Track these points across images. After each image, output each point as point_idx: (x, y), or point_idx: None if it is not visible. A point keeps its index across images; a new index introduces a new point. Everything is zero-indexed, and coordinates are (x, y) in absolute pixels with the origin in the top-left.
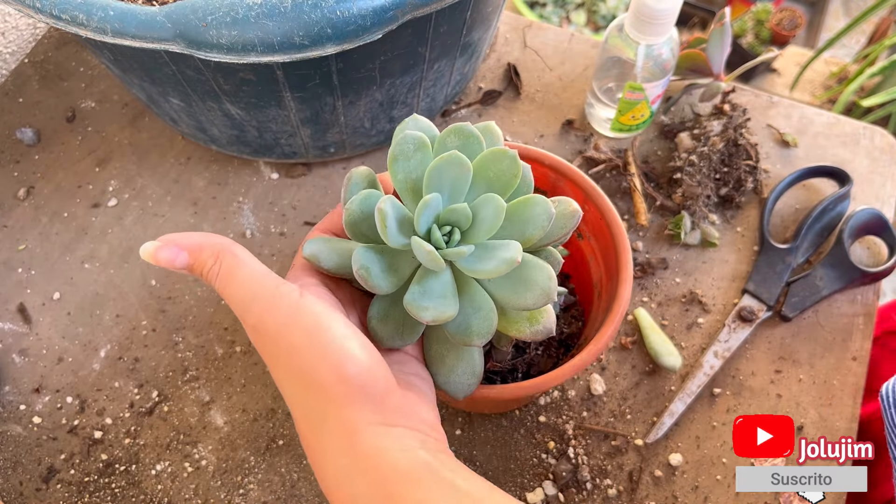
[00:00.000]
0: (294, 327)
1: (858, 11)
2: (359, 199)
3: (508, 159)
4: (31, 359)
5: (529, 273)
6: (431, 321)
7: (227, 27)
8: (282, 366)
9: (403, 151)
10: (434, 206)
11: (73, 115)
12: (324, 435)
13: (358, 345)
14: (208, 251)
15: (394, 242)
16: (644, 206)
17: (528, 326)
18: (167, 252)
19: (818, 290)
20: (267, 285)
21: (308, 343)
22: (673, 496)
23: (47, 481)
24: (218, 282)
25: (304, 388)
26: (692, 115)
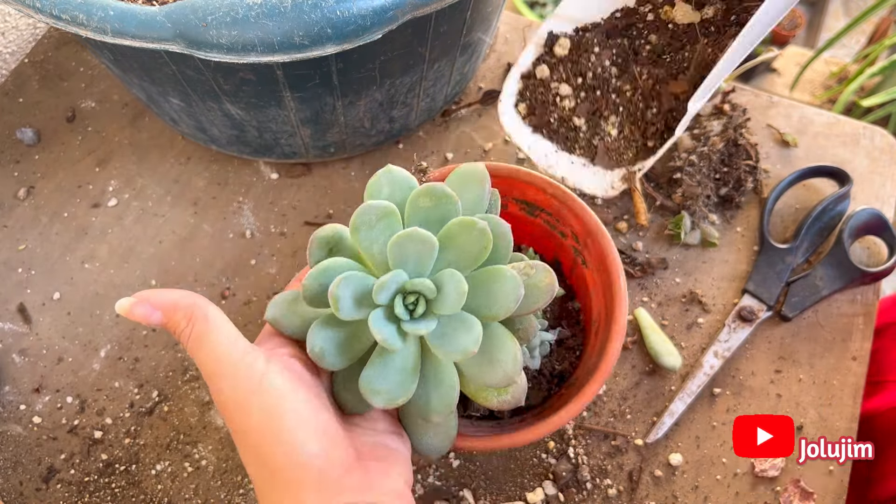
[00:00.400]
0: (253, 407)
1: (858, 11)
2: (316, 273)
3: (477, 231)
4: (31, 359)
5: (494, 352)
6: (383, 406)
7: (227, 27)
8: (242, 443)
9: (365, 222)
10: (395, 282)
11: (73, 115)
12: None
13: (314, 429)
14: (182, 312)
15: (349, 317)
16: (644, 206)
17: (495, 396)
18: (141, 309)
19: (818, 290)
20: (233, 354)
21: (266, 425)
22: (673, 496)
23: (47, 481)
24: (189, 344)
25: (261, 469)
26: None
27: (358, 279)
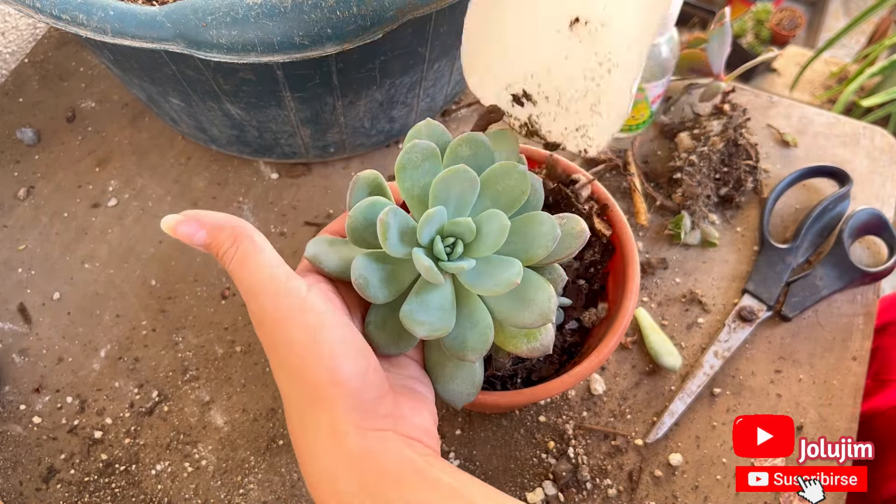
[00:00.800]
0: (295, 323)
1: (858, 11)
2: (363, 206)
3: (517, 175)
4: (31, 359)
5: (530, 292)
6: (425, 336)
7: (227, 27)
8: (279, 359)
9: (412, 161)
10: (438, 219)
11: (73, 115)
12: (312, 434)
13: (354, 349)
14: (227, 233)
15: (395, 252)
16: (644, 206)
17: (525, 343)
18: (187, 227)
19: (818, 290)
20: (277, 276)
21: (307, 341)
22: (673, 496)
23: (47, 481)
24: (232, 265)
25: (298, 385)
26: (692, 115)
27: (402, 215)
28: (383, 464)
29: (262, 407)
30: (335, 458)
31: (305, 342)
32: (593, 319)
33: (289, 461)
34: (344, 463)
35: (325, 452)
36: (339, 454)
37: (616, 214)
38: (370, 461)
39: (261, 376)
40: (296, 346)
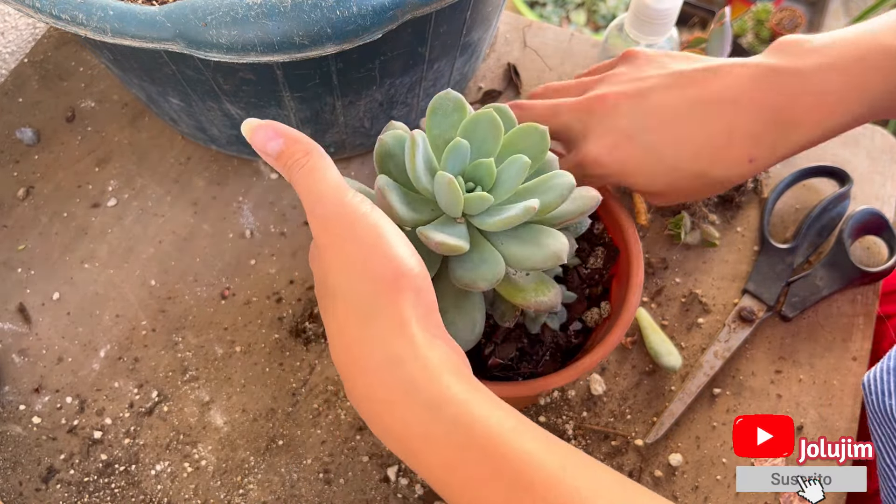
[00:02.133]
0: (363, 226)
1: (858, 11)
2: (394, 133)
3: (539, 134)
4: (30, 359)
5: (543, 238)
6: (438, 245)
7: (227, 27)
8: (343, 255)
9: (443, 107)
10: (462, 154)
11: (72, 115)
12: (375, 323)
13: (417, 258)
14: (302, 146)
15: (419, 175)
16: (644, 206)
17: (533, 296)
18: (264, 133)
19: (818, 290)
20: (338, 184)
21: (374, 241)
22: (673, 496)
23: (47, 481)
24: (301, 173)
25: (361, 279)
26: None
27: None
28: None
29: (262, 407)
30: (403, 343)
31: (373, 242)
32: (596, 318)
33: (288, 461)
34: (411, 348)
35: (391, 338)
36: (406, 340)
37: (618, 211)
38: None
39: (260, 376)
40: (363, 245)
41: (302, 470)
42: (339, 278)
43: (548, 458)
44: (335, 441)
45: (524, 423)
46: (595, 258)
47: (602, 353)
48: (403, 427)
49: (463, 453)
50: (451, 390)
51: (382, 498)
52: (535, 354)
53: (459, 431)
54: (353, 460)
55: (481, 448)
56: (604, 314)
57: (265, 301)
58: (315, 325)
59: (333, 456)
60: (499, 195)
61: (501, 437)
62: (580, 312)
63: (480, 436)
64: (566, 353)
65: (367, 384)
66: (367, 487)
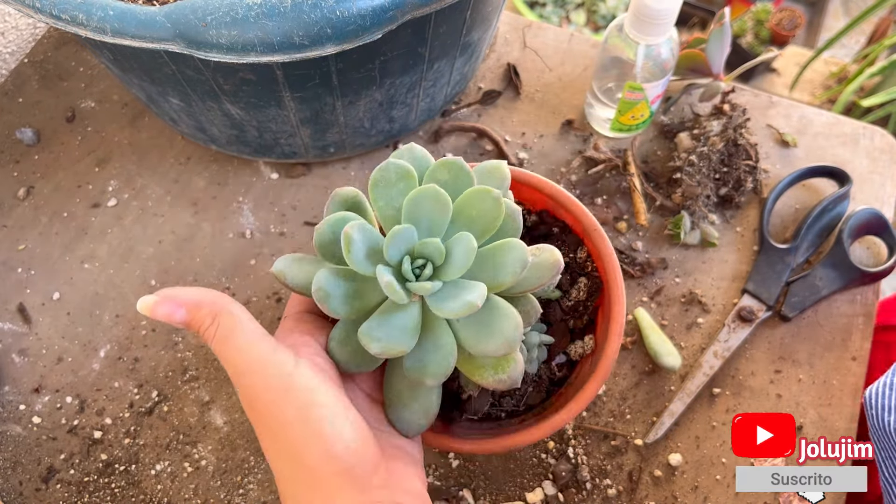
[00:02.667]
0: (285, 403)
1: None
2: (332, 220)
3: (491, 200)
4: (30, 359)
5: (495, 319)
6: (378, 353)
7: (227, 27)
8: (272, 440)
9: (385, 178)
10: (406, 238)
11: (72, 115)
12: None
13: (349, 425)
14: (206, 310)
15: (360, 268)
16: (644, 206)
17: (492, 374)
18: (165, 307)
19: (818, 290)
20: (263, 352)
21: (299, 421)
22: (672, 496)
23: (47, 481)
24: (214, 344)
25: (292, 466)
26: (692, 115)
27: (371, 232)
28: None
29: None
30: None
31: (297, 422)
32: (580, 352)
33: None
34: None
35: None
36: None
37: (602, 243)
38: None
39: None
40: (288, 427)
41: None
42: (270, 457)
43: None
44: None
45: None
46: (578, 290)
47: (577, 407)
48: None
49: None
50: None
51: None
52: (517, 390)
53: None
54: None
55: None
56: (587, 350)
57: (265, 301)
58: None
59: None
60: (450, 273)
61: None
62: (563, 346)
63: None
64: (553, 383)
65: None
66: None
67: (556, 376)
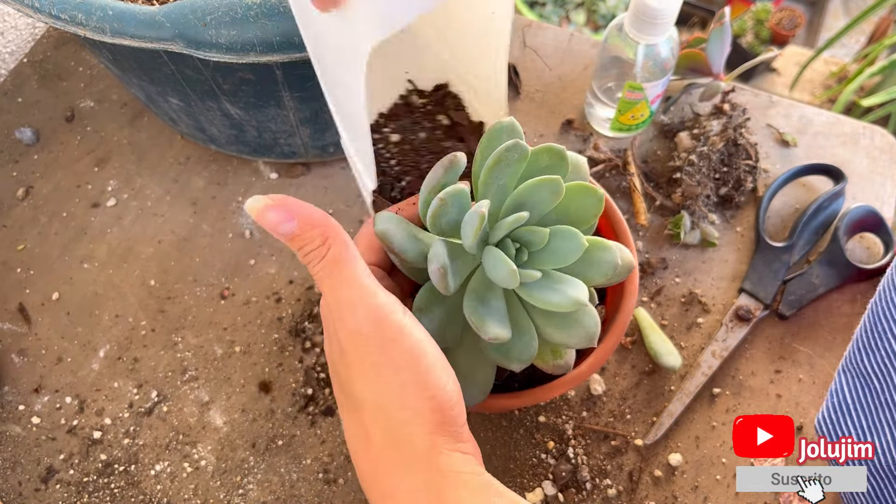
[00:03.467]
0: (396, 346)
1: (858, 11)
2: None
3: (595, 198)
4: (30, 359)
5: (580, 314)
6: (491, 339)
7: (227, 27)
8: (375, 376)
9: (507, 159)
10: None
11: (72, 115)
12: (407, 449)
13: (451, 381)
14: (319, 230)
15: (472, 248)
16: (643, 206)
17: (551, 359)
18: (275, 214)
19: (815, 288)
20: (374, 291)
21: (409, 365)
22: (673, 496)
23: (46, 481)
24: (320, 266)
25: (396, 406)
26: (692, 115)
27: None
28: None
29: (262, 407)
30: (435, 475)
31: (407, 367)
32: None
33: (288, 461)
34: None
35: (424, 468)
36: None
37: (614, 214)
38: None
39: (260, 376)
40: (400, 370)
41: (301, 470)
42: (370, 397)
43: None
44: (335, 441)
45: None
46: None
47: (597, 360)
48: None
49: None
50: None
51: None
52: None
53: None
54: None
55: None
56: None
57: (265, 301)
58: (314, 326)
59: (333, 456)
60: (547, 263)
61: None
62: None
63: None
64: None
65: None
66: None
67: None
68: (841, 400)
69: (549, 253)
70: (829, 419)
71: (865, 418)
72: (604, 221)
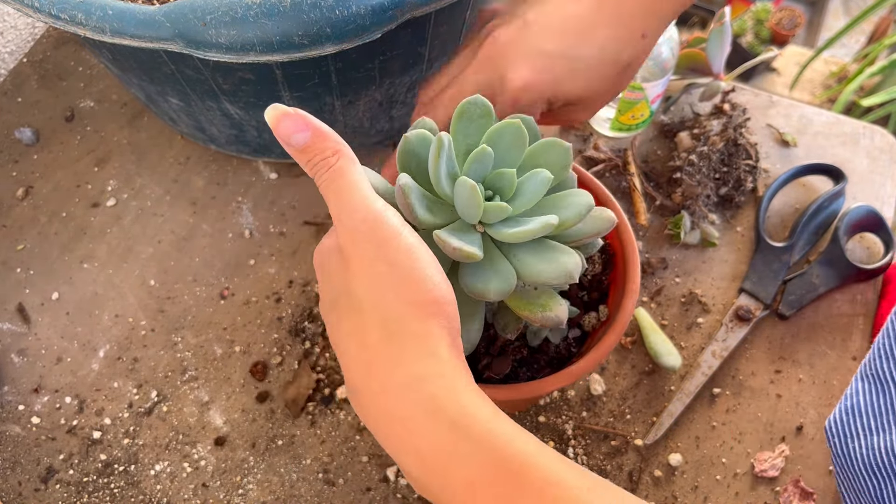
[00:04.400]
0: (397, 247)
1: (858, 11)
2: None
3: (562, 149)
4: (29, 359)
5: (557, 253)
6: (454, 250)
7: (226, 26)
8: (373, 273)
9: (469, 112)
10: (486, 162)
11: (71, 115)
12: (403, 343)
13: (446, 282)
14: (332, 143)
15: (440, 179)
16: (644, 206)
17: (540, 311)
18: (291, 123)
19: (815, 288)
20: (370, 196)
21: (409, 264)
22: (673, 496)
23: (46, 481)
24: (328, 174)
25: (394, 300)
26: (692, 115)
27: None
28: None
29: (262, 407)
30: (431, 362)
31: (406, 261)
32: (594, 323)
33: (287, 461)
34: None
35: (419, 358)
36: (433, 360)
37: (617, 214)
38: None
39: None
40: (397, 265)
41: (301, 470)
42: (368, 294)
43: (573, 479)
44: (334, 441)
45: (547, 448)
46: (593, 264)
47: (597, 357)
48: (426, 444)
49: (489, 472)
50: (478, 412)
51: (382, 498)
52: (535, 363)
53: (485, 451)
54: (353, 460)
55: (506, 467)
56: (602, 318)
57: (264, 301)
58: (314, 326)
59: (333, 456)
60: (518, 207)
61: (527, 456)
62: (578, 318)
63: (507, 455)
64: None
65: (388, 401)
66: (366, 487)
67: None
68: (855, 403)
69: (519, 196)
70: (840, 421)
71: (875, 419)
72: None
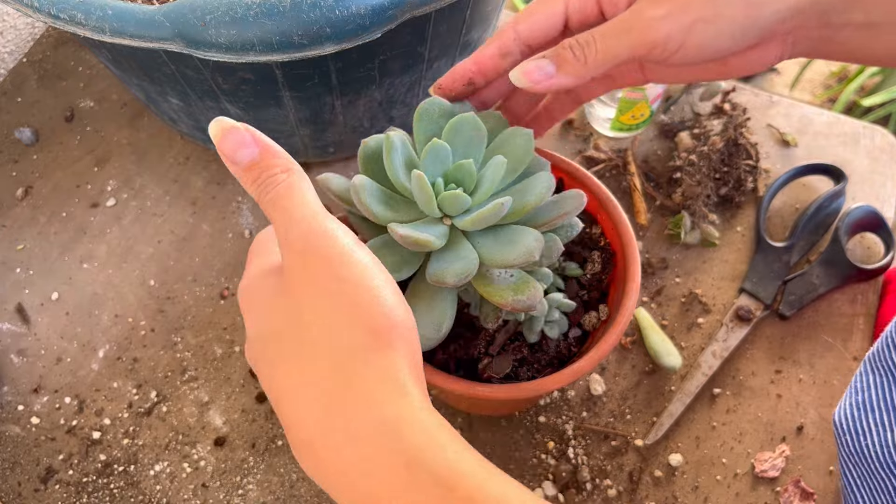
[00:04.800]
0: (350, 264)
1: None
2: (378, 137)
3: (523, 137)
4: (29, 359)
5: (517, 235)
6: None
7: (226, 26)
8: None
9: (428, 112)
10: (442, 155)
11: (71, 115)
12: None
13: (404, 304)
14: (283, 161)
15: (395, 175)
16: (644, 206)
17: (511, 295)
18: (237, 139)
19: (815, 288)
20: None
21: (364, 284)
22: (673, 496)
23: (46, 482)
24: (277, 191)
25: (348, 326)
26: (692, 115)
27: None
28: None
29: (262, 407)
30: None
31: (360, 281)
32: (594, 322)
33: (287, 462)
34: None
35: (387, 398)
36: (404, 402)
37: (615, 211)
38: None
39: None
40: (350, 285)
41: (301, 470)
42: (317, 319)
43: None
44: None
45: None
46: (593, 264)
47: (598, 356)
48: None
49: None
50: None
51: None
52: (536, 362)
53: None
54: None
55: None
56: (602, 317)
57: None
58: None
59: None
60: (480, 196)
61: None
62: (579, 317)
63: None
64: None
65: (357, 452)
66: None
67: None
68: (866, 398)
69: (481, 186)
70: (850, 415)
71: (889, 414)
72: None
